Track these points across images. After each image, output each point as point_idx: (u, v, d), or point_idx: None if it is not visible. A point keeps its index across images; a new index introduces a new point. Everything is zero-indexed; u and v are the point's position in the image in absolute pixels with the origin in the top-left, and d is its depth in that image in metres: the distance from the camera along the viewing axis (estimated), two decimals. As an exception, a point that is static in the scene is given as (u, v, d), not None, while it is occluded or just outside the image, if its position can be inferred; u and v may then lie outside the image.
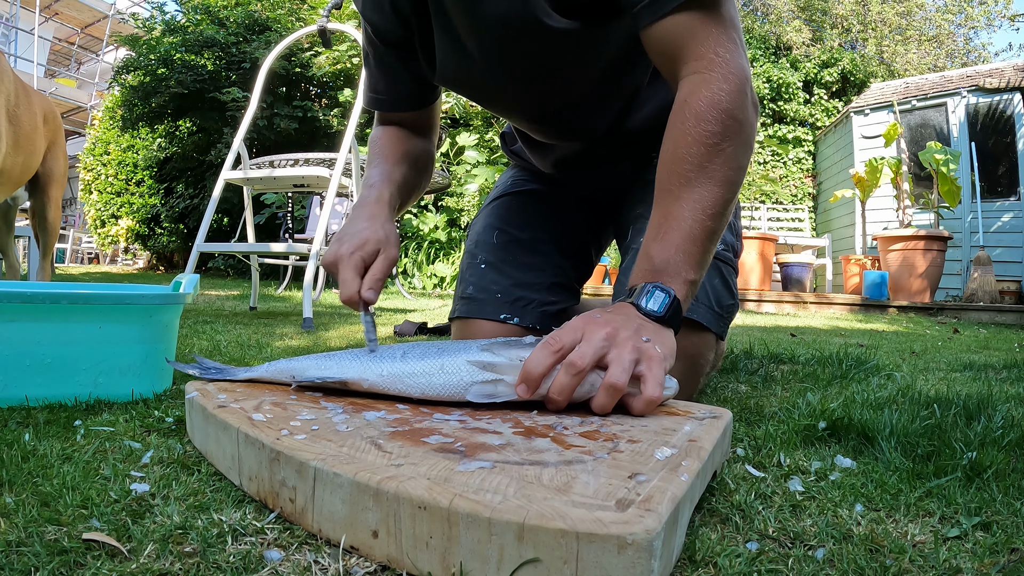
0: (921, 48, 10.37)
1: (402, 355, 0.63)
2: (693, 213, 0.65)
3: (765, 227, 7.06)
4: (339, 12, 6.51)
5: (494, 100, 0.97)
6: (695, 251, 0.65)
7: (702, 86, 0.66)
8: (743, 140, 0.67)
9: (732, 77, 0.66)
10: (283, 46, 2.61)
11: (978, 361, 1.59)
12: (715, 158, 0.65)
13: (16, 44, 12.05)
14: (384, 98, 0.94)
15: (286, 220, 3.64)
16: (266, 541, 0.42)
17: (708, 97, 0.65)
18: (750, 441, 0.70)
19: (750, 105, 0.68)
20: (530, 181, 1.16)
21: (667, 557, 0.36)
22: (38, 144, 1.95)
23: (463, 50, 0.86)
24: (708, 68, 0.66)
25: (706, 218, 0.65)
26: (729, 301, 0.91)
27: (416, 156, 0.95)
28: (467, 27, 0.83)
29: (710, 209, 0.65)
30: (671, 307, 0.63)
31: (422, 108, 0.96)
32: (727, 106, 0.65)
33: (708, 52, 0.66)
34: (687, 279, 0.65)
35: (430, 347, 0.64)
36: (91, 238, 10.80)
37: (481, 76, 0.89)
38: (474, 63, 0.87)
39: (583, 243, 1.15)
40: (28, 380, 0.73)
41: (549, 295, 1.03)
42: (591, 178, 1.08)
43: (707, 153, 0.65)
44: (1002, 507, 0.51)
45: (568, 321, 0.60)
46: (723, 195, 0.66)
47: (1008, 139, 5.81)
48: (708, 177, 0.65)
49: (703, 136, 0.65)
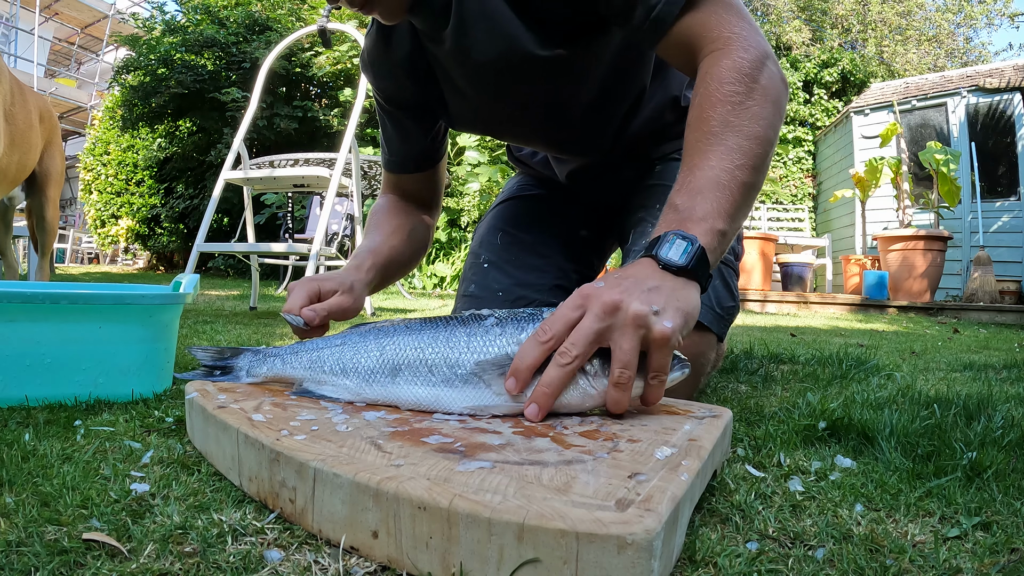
0: (921, 48, 10.37)
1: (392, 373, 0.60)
2: (720, 162, 0.61)
3: (765, 227, 7.06)
4: (339, 12, 6.51)
5: (509, 133, 1.03)
6: (723, 199, 0.59)
7: (723, 57, 0.65)
8: (771, 100, 0.65)
9: (752, 48, 0.65)
10: (283, 46, 2.61)
11: (978, 361, 1.59)
12: (741, 114, 0.62)
13: (16, 44, 12.06)
14: (398, 160, 0.99)
15: (286, 220, 3.63)
16: (266, 541, 0.42)
17: (729, 64, 0.64)
18: (750, 441, 0.70)
19: (776, 74, 0.67)
20: (536, 187, 1.19)
21: (667, 557, 0.36)
22: (34, 142, 1.94)
23: (468, 97, 0.91)
24: (726, 44, 0.66)
25: (735, 168, 0.60)
26: (730, 303, 0.92)
27: (412, 228, 0.99)
28: (464, 77, 0.88)
29: (739, 160, 0.61)
30: (695, 256, 0.56)
31: (433, 166, 1.01)
32: (749, 70, 0.64)
33: (725, 33, 0.66)
34: (714, 228, 0.58)
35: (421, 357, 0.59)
36: (91, 238, 10.80)
37: (491, 115, 0.95)
38: (481, 105, 0.92)
39: (586, 249, 1.16)
40: (28, 380, 0.73)
41: (551, 296, 1.03)
42: (598, 185, 1.10)
43: (732, 110, 0.63)
44: (1002, 507, 0.51)
45: (562, 303, 0.55)
46: (752, 148, 0.62)
47: (1008, 139, 5.81)
48: (734, 131, 0.62)
49: (726, 96, 0.63)
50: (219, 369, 0.69)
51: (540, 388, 0.53)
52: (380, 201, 1.02)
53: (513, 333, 0.58)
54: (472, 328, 0.60)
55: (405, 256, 0.98)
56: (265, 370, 0.67)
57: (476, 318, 0.61)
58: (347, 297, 0.79)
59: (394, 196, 1.02)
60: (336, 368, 0.62)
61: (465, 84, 0.89)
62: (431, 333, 0.60)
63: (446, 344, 0.59)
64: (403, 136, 0.98)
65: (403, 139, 0.98)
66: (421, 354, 0.59)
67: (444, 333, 0.60)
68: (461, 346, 0.58)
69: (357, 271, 0.86)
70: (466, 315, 0.62)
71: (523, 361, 0.53)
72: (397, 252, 0.95)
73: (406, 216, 1.00)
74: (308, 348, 0.66)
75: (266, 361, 0.67)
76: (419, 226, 1.01)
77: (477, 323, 0.60)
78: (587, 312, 0.53)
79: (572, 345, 0.52)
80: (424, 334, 0.60)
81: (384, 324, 0.64)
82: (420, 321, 0.63)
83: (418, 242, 1.01)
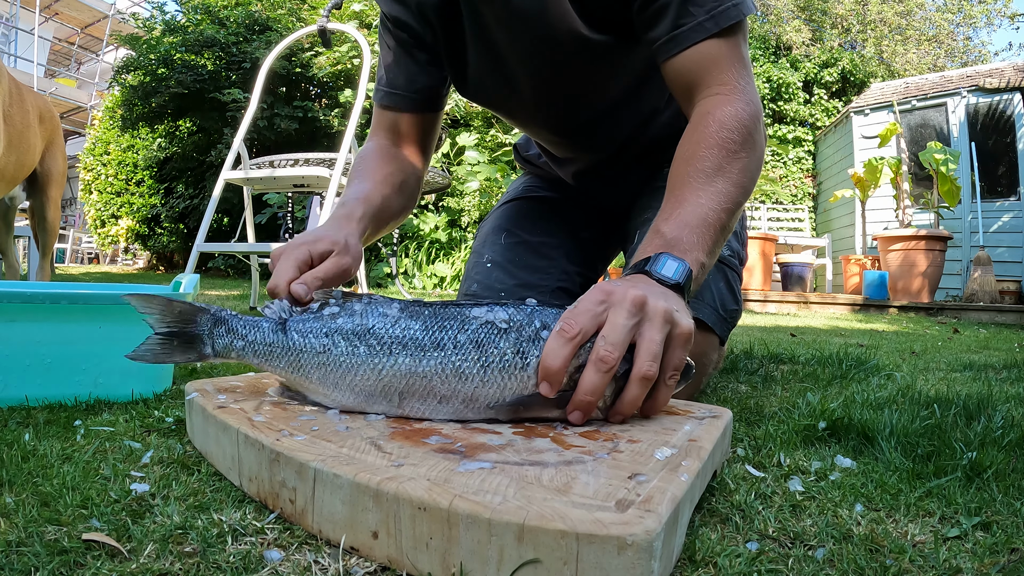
0: (921, 48, 10.37)
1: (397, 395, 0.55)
2: (709, 201, 0.64)
3: (765, 227, 7.06)
4: (339, 12, 6.51)
5: (525, 115, 0.97)
6: (707, 236, 0.63)
7: (725, 103, 0.69)
8: (756, 157, 0.70)
9: (752, 105, 0.70)
10: (283, 46, 2.61)
11: (978, 361, 1.59)
12: (733, 163, 0.67)
13: (16, 44, 12.05)
14: (402, 94, 0.90)
15: (286, 220, 3.63)
16: (266, 541, 0.42)
17: (731, 112, 0.69)
18: (750, 441, 0.70)
19: (763, 133, 0.72)
20: (542, 188, 1.18)
21: (667, 557, 0.36)
22: (32, 142, 1.94)
23: (503, 70, 0.87)
24: (731, 92, 0.70)
25: (720, 210, 0.64)
26: (733, 306, 0.93)
27: (403, 179, 0.90)
28: (501, 36, 0.83)
29: (725, 203, 0.65)
30: (685, 275, 0.58)
31: (435, 111, 0.93)
32: (747, 123, 0.68)
33: (730, 80, 0.70)
34: (698, 259, 0.61)
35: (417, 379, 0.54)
36: (91, 238, 10.80)
37: (517, 92, 0.90)
38: (513, 81, 0.88)
39: (590, 254, 1.15)
40: (28, 380, 0.73)
41: (553, 298, 1.03)
42: (605, 187, 1.09)
43: (726, 156, 0.66)
44: (1002, 507, 0.51)
45: (583, 297, 0.54)
46: (737, 196, 0.66)
47: (1008, 139, 5.81)
48: (725, 177, 0.66)
49: (724, 141, 0.67)
50: (176, 337, 0.58)
51: (584, 397, 0.51)
52: (369, 145, 0.91)
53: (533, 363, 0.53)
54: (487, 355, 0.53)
55: (395, 208, 0.88)
56: (235, 354, 0.58)
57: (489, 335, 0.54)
58: (344, 257, 0.69)
59: (386, 141, 0.92)
60: (326, 380, 0.55)
61: (498, 42, 0.83)
62: (438, 360, 0.53)
63: (457, 377, 0.53)
64: (415, 67, 0.89)
65: (414, 71, 0.89)
66: (428, 383, 0.54)
67: (452, 358, 0.53)
68: (475, 378, 0.53)
69: (348, 221, 0.76)
70: (474, 324, 0.55)
71: (555, 363, 0.50)
72: (388, 203, 0.85)
73: (398, 164, 0.90)
74: (283, 343, 0.56)
75: (235, 342, 0.58)
76: (410, 178, 0.92)
77: (491, 342, 0.54)
78: (613, 307, 0.52)
79: (612, 347, 0.50)
80: (429, 360, 0.53)
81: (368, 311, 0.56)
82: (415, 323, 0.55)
83: (408, 196, 0.92)
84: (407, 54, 0.89)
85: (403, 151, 0.93)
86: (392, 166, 0.89)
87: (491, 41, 0.84)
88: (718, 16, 0.70)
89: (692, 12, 0.70)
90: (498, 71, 0.88)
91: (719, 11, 0.70)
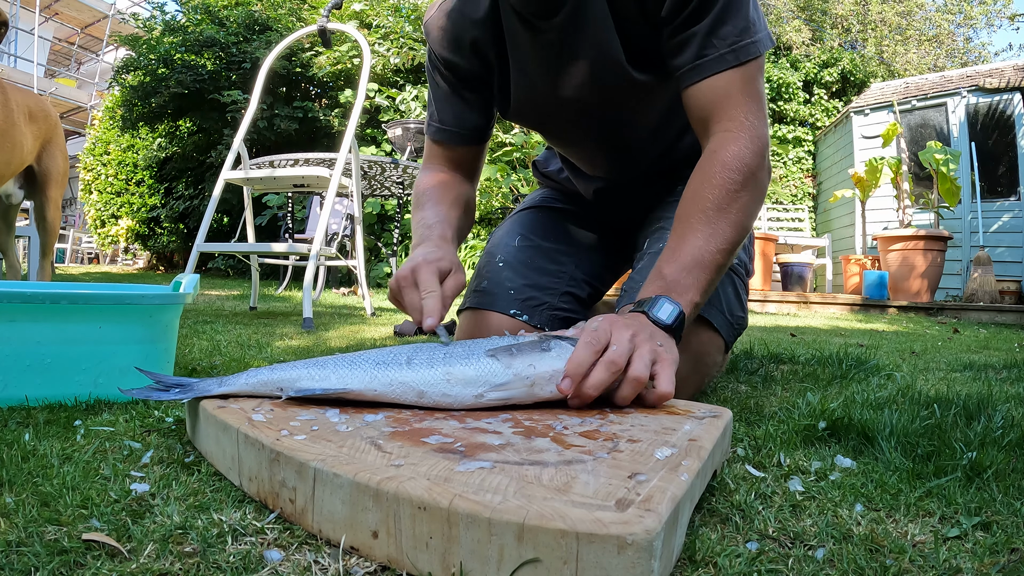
0: (921, 48, 10.38)
1: (407, 360, 0.60)
2: (707, 244, 0.72)
3: (765, 227, 7.06)
4: (339, 12, 6.51)
5: (566, 138, 1.04)
6: (703, 277, 0.71)
7: (731, 142, 0.75)
8: (757, 194, 0.76)
9: (757, 141, 0.76)
10: (283, 46, 2.61)
11: (978, 361, 1.59)
12: (733, 203, 0.74)
13: (16, 44, 12.06)
14: (452, 130, 0.99)
15: (286, 220, 3.64)
16: (266, 541, 0.42)
17: (735, 151, 0.75)
18: (750, 441, 0.70)
19: (766, 168, 0.78)
20: (559, 201, 1.21)
21: (667, 557, 0.36)
22: (16, 140, 1.93)
23: (550, 100, 0.92)
24: (738, 129, 0.76)
25: (717, 252, 0.72)
26: (739, 313, 0.95)
27: (466, 201, 1.00)
28: (546, 65, 0.88)
29: (722, 245, 0.73)
30: (678, 319, 0.68)
31: (483, 143, 1.01)
32: (750, 162, 0.74)
33: (739, 116, 0.76)
34: (692, 300, 0.71)
35: (435, 351, 0.62)
36: (91, 238, 10.80)
37: (561, 119, 0.96)
38: (559, 110, 0.93)
39: (600, 267, 1.17)
40: (28, 380, 0.73)
41: (561, 301, 1.04)
42: (622, 203, 1.12)
43: (727, 197, 0.73)
44: (1002, 507, 0.51)
45: (592, 320, 0.65)
46: (734, 236, 0.74)
47: (1008, 139, 5.81)
48: (725, 218, 0.73)
49: (726, 182, 0.73)
50: (176, 387, 0.61)
51: (588, 390, 0.59)
52: (428, 176, 1.00)
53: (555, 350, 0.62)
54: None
55: (465, 227, 0.99)
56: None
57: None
58: (460, 275, 0.77)
59: (443, 169, 1.01)
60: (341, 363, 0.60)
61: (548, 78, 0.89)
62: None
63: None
64: (463, 106, 0.97)
65: (462, 109, 0.97)
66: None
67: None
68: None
69: (443, 241, 0.84)
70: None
71: (581, 367, 0.59)
72: (462, 223, 0.95)
73: (459, 189, 0.99)
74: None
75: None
76: (470, 200, 1.02)
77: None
78: (616, 331, 0.63)
79: (620, 355, 0.60)
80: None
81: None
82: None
83: (471, 216, 1.02)
84: (455, 94, 0.97)
85: (457, 177, 1.02)
86: (455, 191, 0.99)
87: (541, 76, 0.90)
88: (739, 50, 0.76)
89: (715, 44, 0.76)
90: (544, 100, 0.93)
91: (740, 46, 0.76)
